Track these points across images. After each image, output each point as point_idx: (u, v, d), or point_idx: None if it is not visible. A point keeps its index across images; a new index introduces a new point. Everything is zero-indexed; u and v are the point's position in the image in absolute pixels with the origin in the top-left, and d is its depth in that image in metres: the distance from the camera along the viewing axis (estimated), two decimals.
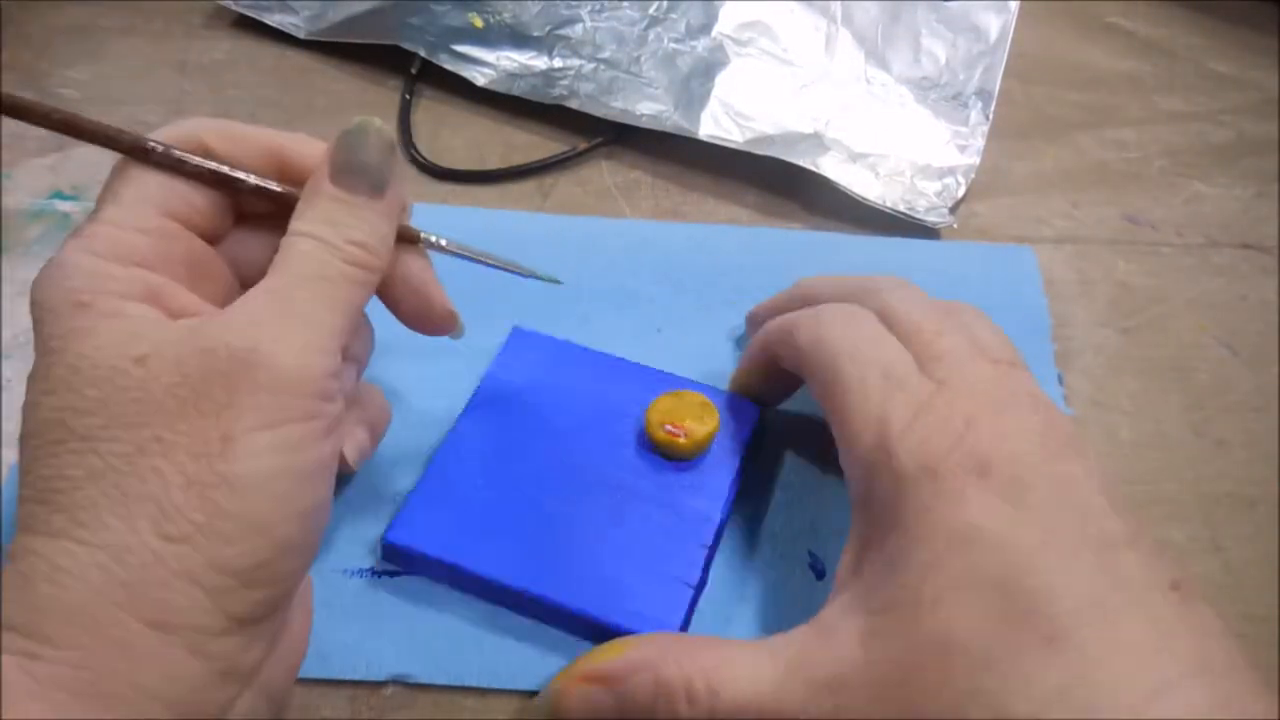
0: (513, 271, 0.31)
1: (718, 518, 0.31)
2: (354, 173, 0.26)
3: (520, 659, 0.29)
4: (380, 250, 0.26)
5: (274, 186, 0.27)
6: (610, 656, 0.26)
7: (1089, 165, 0.45)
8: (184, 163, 0.26)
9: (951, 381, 0.26)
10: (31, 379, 0.23)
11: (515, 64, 0.45)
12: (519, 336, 0.35)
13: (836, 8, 0.47)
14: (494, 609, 0.30)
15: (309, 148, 0.27)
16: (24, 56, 0.46)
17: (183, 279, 0.25)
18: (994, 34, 0.47)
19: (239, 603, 0.22)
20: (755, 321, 0.35)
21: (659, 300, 0.38)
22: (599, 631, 0.28)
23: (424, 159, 0.43)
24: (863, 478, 0.26)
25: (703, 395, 0.33)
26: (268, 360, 0.23)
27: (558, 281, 0.32)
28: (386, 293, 0.28)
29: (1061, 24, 0.51)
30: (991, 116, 0.44)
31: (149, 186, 0.26)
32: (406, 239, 0.29)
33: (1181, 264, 0.41)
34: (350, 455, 0.29)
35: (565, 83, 0.44)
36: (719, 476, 0.32)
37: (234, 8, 0.48)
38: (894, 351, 0.28)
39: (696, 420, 0.32)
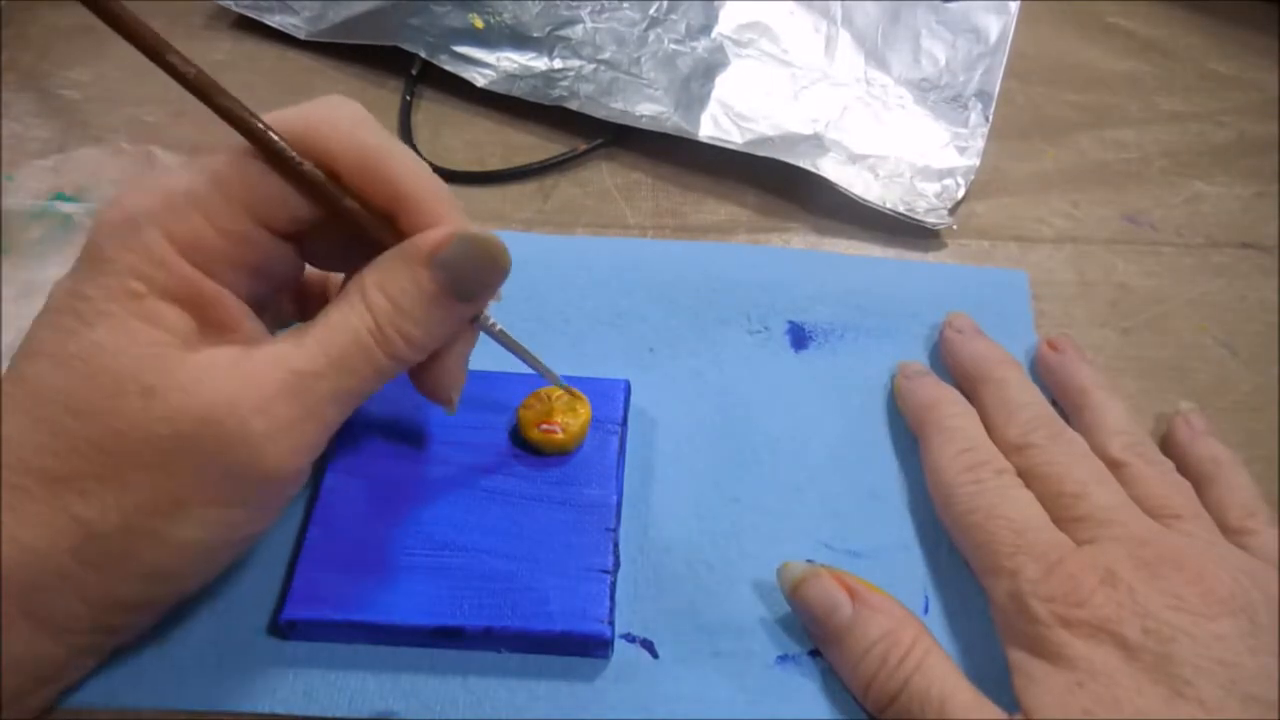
0: (543, 375, 0.31)
1: (613, 499, 0.31)
2: (457, 276, 0.25)
3: (505, 690, 0.28)
4: (426, 350, 0.26)
5: (369, 221, 0.25)
6: (869, 586, 0.28)
7: (1089, 165, 0.45)
8: (304, 176, 0.24)
9: (1096, 540, 0.28)
10: (62, 295, 0.23)
11: (515, 65, 0.45)
12: None
13: (836, 9, 0.47)
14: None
15: (437, 205, 0.25)
16: (24, 57, 0.46)
17: (242, 284, 0.25)
18: (994, 35, 0.47)
19: (115, 619, 0.24)
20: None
21: (651, 319, 0.37)
22: (532, 642, 0.28)
23: (424, 160, 0.43)
24: (1001, 610, 0.28)
25: (567, 386, 0.33)
26: (251, 453, 0.23)
27: (569, 390, 0.32)
28: None
29: (1061, 24, 0.51)
30: (991, 117, 0.44)
31: (257, 189, 0.24)
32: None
33: (1181, 264, 0.41)
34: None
35: (565, 84, 0.44)
36: (604, 459, 0.32)
37: (234, 8, 0.48)
38: (1027, 510, 0.29)
39: (569, 413, 0.32)
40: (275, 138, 0.24)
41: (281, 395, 0.23)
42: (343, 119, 0.25)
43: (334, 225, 0.25)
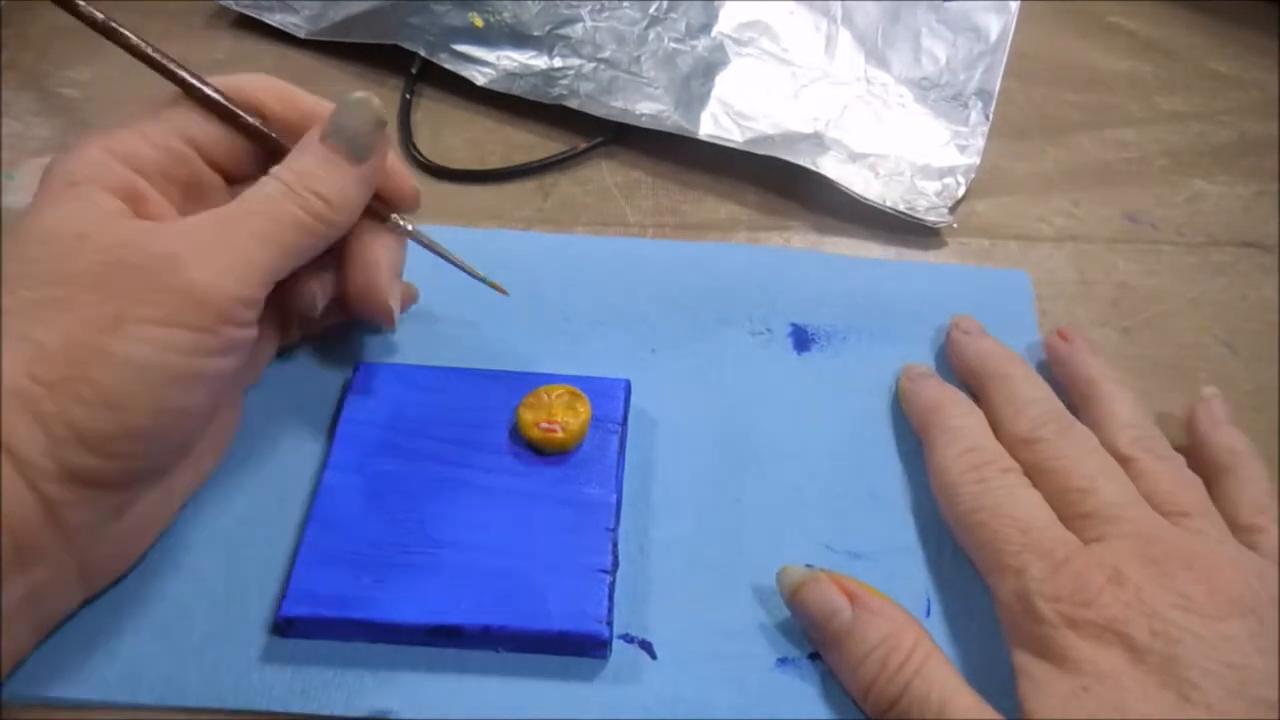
0: (467, 273, 0.33)
1: (613, 499, 0.31)
2: (339, 135, 0.29)
3: (503, 690, 0.28)
4: (341, 208, 0.29)
5: (266, 130, 0.30)
6: (869, 589, 0.28)
7: (1089, 165, 0.45)
8: (208, 100, 0.29)
9: (1104, 538, 0.28)
10: (15, 223, 0.27)
11: (515, 63, 0.45)
12: (366, 373, 0.34)
13: (837, 8, 0.47)
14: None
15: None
16: (24, 57, 0.46)
17: (174, 195, 0.29)
18: (994, 34, 0.47)
19: (75, 459, 0.24)
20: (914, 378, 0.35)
21: (652, 319, 0.37)
22: (530, 642, 0.28)
23: (424, 159, 0.43)
24: (1007, 610, 0.28)
25: (568, 385, 0.33)
26: (182, 269, 0.26)
27: (505, 292, 0.34)
28: (344, 264, 0.31)
29: (1061, 24, 0.51)
30: (991, 116, 0.44)
31: (180, 115, 0.29)
32: (376, 216, 0.31)
33: (1182, 263, 0.41)
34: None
35: (565, 82, 0.44)
36: (604, 458, 0.32)
37: (234, 8, 0.48)
38: (1033, 509, 0.29)
39: (569, 412, 0.32)
40: (176, 68, 0.29)
41: (201, 226, 0.27)
42: (262, 76, 0.31)
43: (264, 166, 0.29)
